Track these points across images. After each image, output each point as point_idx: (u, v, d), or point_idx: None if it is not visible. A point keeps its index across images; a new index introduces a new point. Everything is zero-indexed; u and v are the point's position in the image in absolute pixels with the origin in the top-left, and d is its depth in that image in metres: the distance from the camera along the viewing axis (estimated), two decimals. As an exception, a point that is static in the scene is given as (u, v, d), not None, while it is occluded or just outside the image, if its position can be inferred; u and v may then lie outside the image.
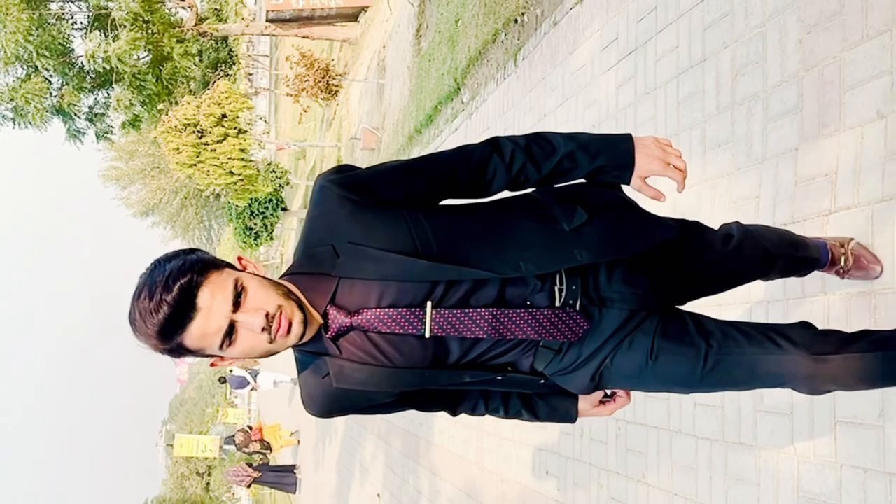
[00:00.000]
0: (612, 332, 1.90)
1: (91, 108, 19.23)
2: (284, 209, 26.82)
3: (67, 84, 18.24)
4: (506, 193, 2.00)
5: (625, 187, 2.02)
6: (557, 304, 1.82)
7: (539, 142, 1.90)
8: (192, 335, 1.63)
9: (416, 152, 11.03)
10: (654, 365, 1.93)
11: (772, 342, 1.97)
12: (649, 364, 1.93)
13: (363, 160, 15.93)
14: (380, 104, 15.06)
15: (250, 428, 20.16)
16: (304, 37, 20.89)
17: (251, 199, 22.72)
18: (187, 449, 32.07)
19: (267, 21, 21.15)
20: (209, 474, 65.38)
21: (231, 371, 21.87)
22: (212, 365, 1.84)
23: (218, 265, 1.69)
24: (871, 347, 1.99)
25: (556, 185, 2.00)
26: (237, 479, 16.10)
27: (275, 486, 18.57)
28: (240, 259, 1.78)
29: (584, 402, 2.14)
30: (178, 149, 17.19)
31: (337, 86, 16.38)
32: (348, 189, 1.76)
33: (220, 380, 30.81)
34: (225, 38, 22.91)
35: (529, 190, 2.00)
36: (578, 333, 1.85)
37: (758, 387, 2.05)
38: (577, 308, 1.84)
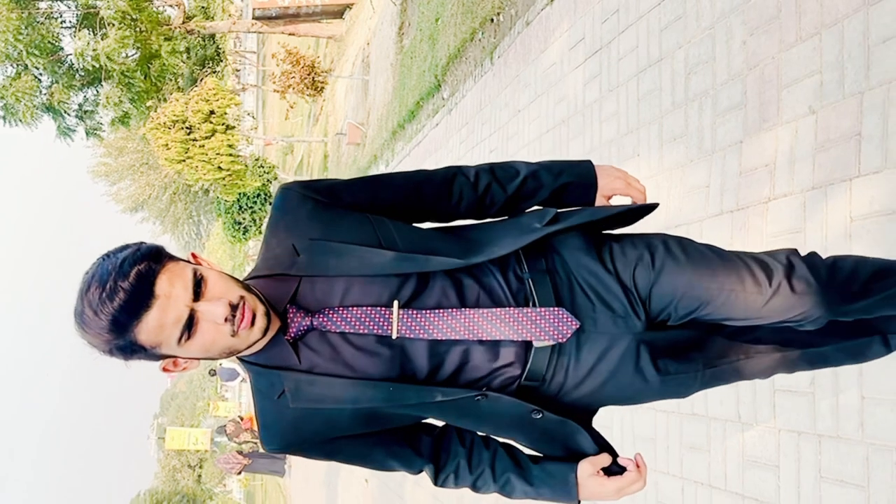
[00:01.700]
0: (597, 357, 1.73)
1: (81, 105, 19.37)
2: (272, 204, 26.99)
3: (57, 82, 18.37)
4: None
5: None
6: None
7: (502, 165, 1.86)
8: (149, 327, 1.45)
9: (400, 147, 11.25)
10: (657, 383, 1.80)
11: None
12: (648, 384, 1.79)
13: (349, 155, 16.13)
14: (365, 100, 15.25)
15: (241, 418, 20.34)
16: (290, 34, 21.05)
17: (239, 193, 22.88)
18: (178, 442, 32.23)
19: (253, 18, 21.31)
20: (201, 467, 65.50)
21: (221, 364, 22.01)
22: (164, 370, 1.64)
23: (173, 256, 1.55)
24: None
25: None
26: (228, 466, 16.31)
27: (264, 471, 18.77)
28: (194, 255, 1.63)
29: (585, 470, 1.78)
30: (167, 145, 17.37)
31: (323, 82, 16.57)
32: (311, 190, 1.69)
33: (210, 372, 30.96)
34: (212, 36, 23.03)
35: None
36: (566, 333, 1.66)
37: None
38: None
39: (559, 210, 1.81)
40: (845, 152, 2.89)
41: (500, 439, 1.88)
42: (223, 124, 18.07)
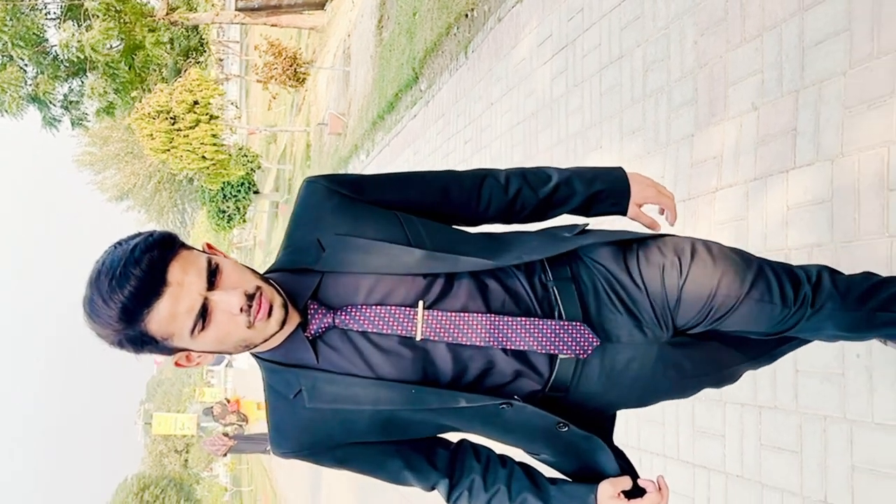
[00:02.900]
0: (623, 366, 1.68)
1: (66, 96, 19.35)
2: (256, 192, 27.07)
3: (42, 73, 18.35)
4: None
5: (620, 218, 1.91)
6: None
7: (534, 171, 1.79)
8: (160, 316, 1.38)
9: (380, 137, 11.38)
10: (679, 385, 1.81)
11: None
12: (674, 386, 1.80)
13: (331, 144, 16.23)
14: (346, 90, 15.36)
15: (228, 401, 20.44)
16: (272, 25, 21.05)
17: (224, 182, 22.94)
18: (165, 427, 32.29)
19: (236, 10, 21.25)
20: (187, 452, 65.53)
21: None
22: (176, 364, 1.56)
23: (186, 244, 1.48)
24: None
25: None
26: (214, 448, 16.39)
27: (249, 451, 18.88)
28: (209, 245, 1.56)
29: (605, 491, 1.68)
30: (151, 135, 17.41)
31: (304, 73, 16.65)
32: (337, 184, 1.62)
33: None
34: (196, 27, 23.01)
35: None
36: (588, 349, 1.61)
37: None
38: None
39: (587, 227, 1.79)
40: (783, 146, 3.09)
41: (517, 457, 1.82)
42: (207, 114, 18.12)
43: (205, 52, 26.10)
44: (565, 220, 1.86)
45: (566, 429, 1.63)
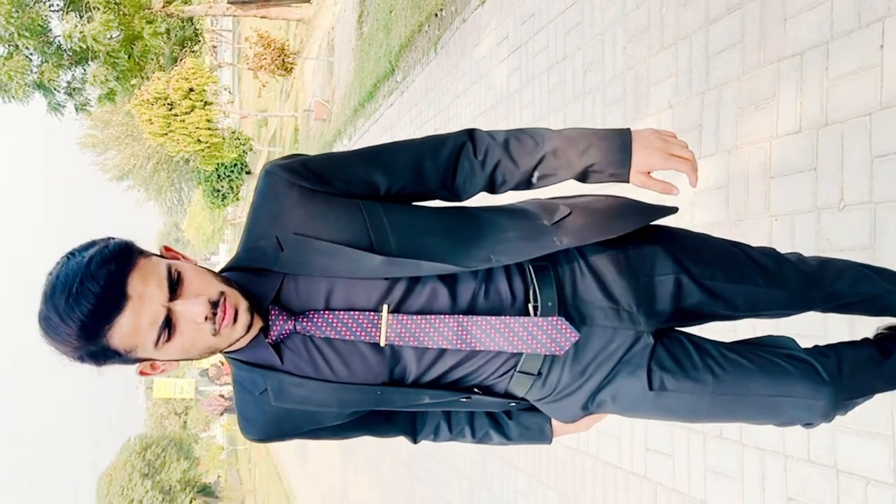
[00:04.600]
0: (597, 353, 1.52)
1: (69, 83, 19.42)
2: (248, 172, 27.23)
3: (47, 61, 18.41)
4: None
5: (628, 186, 1.58)
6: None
7: (520, 137, 1.52)
8: (123, 330, 1.25)
9: (361, 123, 11.62)
10: (656, 398, 1.57)
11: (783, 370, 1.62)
12: (649, 396, 1.57)
13: (316, 129, 16.42)
14: (330, 79, 15.53)
15: (222, 363, 20.70)
16: (262, 17, 21.11)
17: (218, 163, 23.11)
18: (165, 391, 32.41)
19: (228, 2, 21.30)
20: (186, 414, 65.87)
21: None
22: (141, 373, 1.44)
23: (144, 252, 1.34)
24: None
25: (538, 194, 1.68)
26: (211, 408, 16.70)
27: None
28: (167, 248, 1.43)
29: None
30: (150, 120, 17.54)
31: (292, 63, 16.80)
32: (297, 174, 1.41)
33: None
34: (190, 18, 23.00)
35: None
36: (564, 345, 1.45)
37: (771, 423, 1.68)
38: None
39: (569, 213, 1.58)
40: (691, 139, 3.40)
41: None
42: (202, 101, 18.25)
43: (199, 41, 26.09)
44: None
45: (515, 403, 1.59)
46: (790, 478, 2.78)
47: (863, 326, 2.35)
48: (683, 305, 1.61)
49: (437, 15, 7.68)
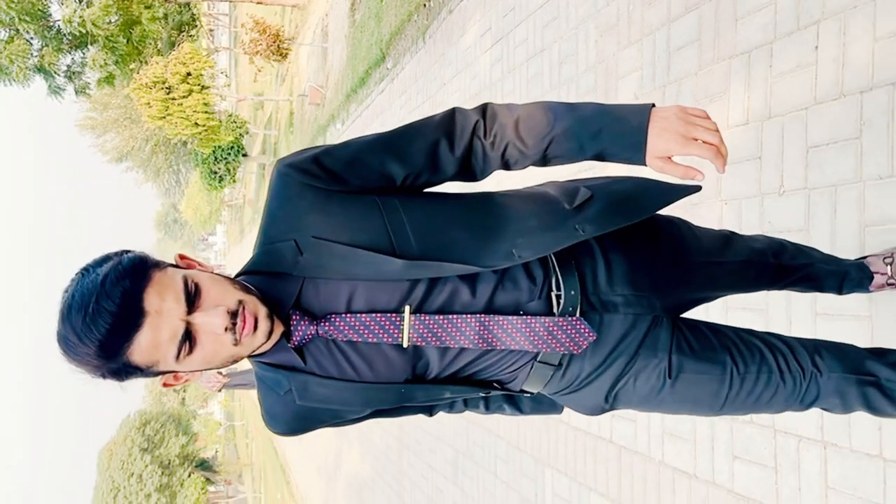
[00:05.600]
0: (618, 341, 1.50)
1: (69, 66, 19.52)
2: (245, 155, 27.31)
3: (47, 45, 18.51)
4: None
5: (645, 169, 1.52)
6: (556, 311, 1.44)
7: (534, 114, 1.43)
8: (142, 347, 1.23)
9: (353, 109, 11.76)
10: (674, 386, 1.55)
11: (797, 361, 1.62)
12: (667, 384, 1.55)
13: (311, 113, 16.55)
14: (324, 65, 15.64)
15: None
16: (258, 2, 21.16)
17: (215, 146, 23.21)
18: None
19: (225, -12, 21.35)
20: (184, 391, 66.21)
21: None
22: (164, 385, 1.44)
23: (159, 264, 1.30)
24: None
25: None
26: (209, 385, 16.81)
27: (242, 386, 19.37)
28: (182, 257, 1.40)
29: None
30: (149, 104, 17.67)
31: (287, 49, 16.89)
32: (311, 175, 1.37)
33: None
34: (188, 3, 23.03)
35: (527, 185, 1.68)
36: (582, 345, 1.45)
37: (788, 409, 1.66)
38: (578, 315, 1.45)
39: (594, 184, 1.56)
40: (654, 129, 3.59)
41: None
42: (199, 85, 18.37)
43: (196, 26, 26.10)
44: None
45: (532, 395, 1.65)
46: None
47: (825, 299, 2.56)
48: (692, 288, 1.63)
49: (425, 5, 7.84)
